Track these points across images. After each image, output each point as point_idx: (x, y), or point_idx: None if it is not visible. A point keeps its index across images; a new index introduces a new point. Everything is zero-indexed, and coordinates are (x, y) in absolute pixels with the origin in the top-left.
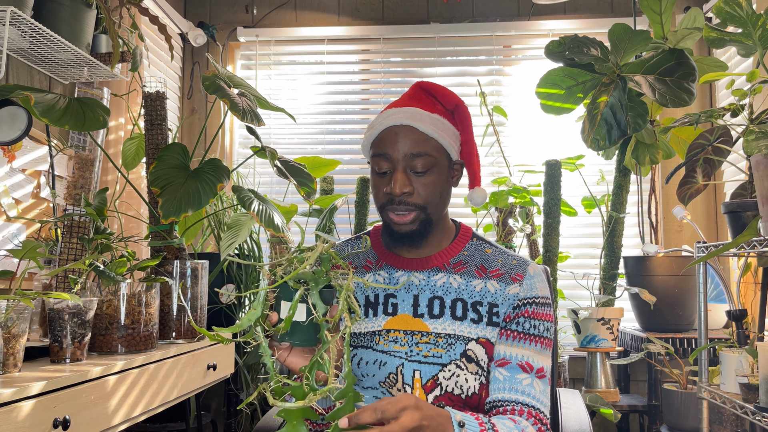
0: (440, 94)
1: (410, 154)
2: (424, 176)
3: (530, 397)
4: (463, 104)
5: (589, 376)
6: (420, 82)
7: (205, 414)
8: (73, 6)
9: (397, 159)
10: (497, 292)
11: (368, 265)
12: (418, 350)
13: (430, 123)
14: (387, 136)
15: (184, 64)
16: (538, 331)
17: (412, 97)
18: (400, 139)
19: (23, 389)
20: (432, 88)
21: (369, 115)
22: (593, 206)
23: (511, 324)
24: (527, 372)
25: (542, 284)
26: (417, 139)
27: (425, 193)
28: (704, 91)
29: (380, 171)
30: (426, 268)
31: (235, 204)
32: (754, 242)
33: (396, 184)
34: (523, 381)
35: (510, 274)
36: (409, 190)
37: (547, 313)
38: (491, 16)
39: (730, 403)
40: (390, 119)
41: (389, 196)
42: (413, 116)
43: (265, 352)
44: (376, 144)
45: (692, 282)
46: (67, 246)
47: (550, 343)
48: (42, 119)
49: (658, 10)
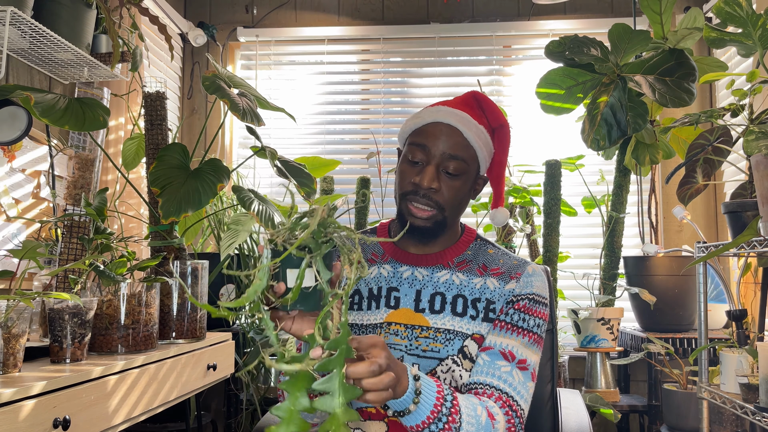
0: (489, 110)
1: (448, 155)
2: (452, 179)
3: (506, 384)
4: (508, 125)
5: (589, 376)
6: (475, 91)
7: (205, 414)
8: (73, 6)
9: (434, 154)
10: (496, 290)
11: (374, 258)
12: (417, 344)
13: (475, 132)
14: (431, 130)
15: (184, 64)
16: (527, 325)
17: (464, 102)
18: (443, 136)
19: (23, 389)
20: (484, 102)
21: (369, 115)
22: (593, 206)
23: (501, 316)
24: (508, 360)
25: (540, 283)
26: (459, 142)
27: (448, 195)
28: (704, 91)
29: (413, 160)
30: (430, 265)
31: (235, 204)
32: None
33: (426, 177)
34: (501, 367)
35: (510, 273)
36: (436, 186)
37: (541, 311)
38: (491, 16)
39: (730, 403)
40: (439, 115)
41: (415, 186)
42: (462, 120)
43: (267, 324)
44: (418, 133)
45: (692, 282)
46: (67, 246)
47: (539, 340)
48: (42, 119)
49: (658, 10)
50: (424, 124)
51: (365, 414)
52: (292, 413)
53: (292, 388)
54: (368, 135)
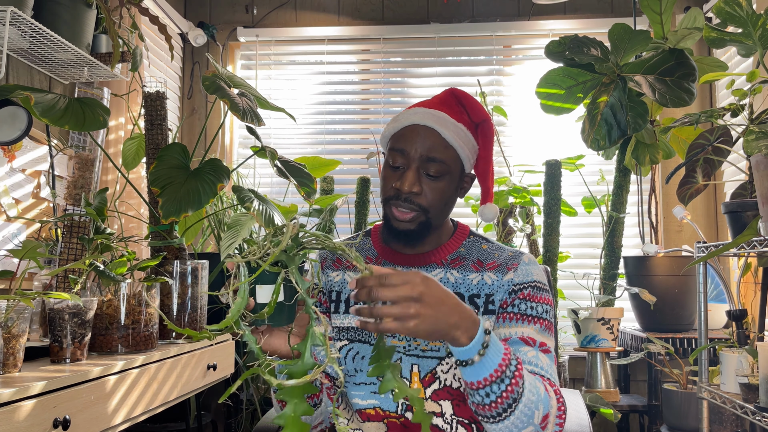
0: (470, 106)
1: (426, 157)
2: (434, 181)
3: (538, 368)
4: (490, 120)
5: (589, 376)
6: (453, 88)
7: (205, 414)
8: (73, 6)
9: (412, 157)
10: (494, 283)
11: (368, 262)
12: (416, 344)
13: (454, 131)
14: (408, 133)
15: (184, 64)
16: (537, 312)
17: (442, 101)
18: (420, 139)
19: (23, 389)
20: (463, 98)
21: (369, 115)
22: (593, 206)
23: (508, 308)
24: (530, 345)
25: (538, 270)
26: (436, 143)
27: (431, 197)
28: (704, 91)
29: (393, 165)
30: (423, 264)
31: (235, 204)
32: (754, 242)
33: (406, 182)
34: (527, 353)
35: (506, 264)
36: (417, 190)
37: (545, 297)
38: (491, 16)
39: (730, 403)
40: (415, 117)
41: (396, 191)
42: (438, 120)
43: (249, 339)
44: (396, 138)
45: (692, 282)
46: (67, 246)
47: (550, 325)
48: (42, 119)
49: (658, 10)
50: (402, 127)
51: (364, 415)
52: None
53: (290, 396)
54: (368, 135)
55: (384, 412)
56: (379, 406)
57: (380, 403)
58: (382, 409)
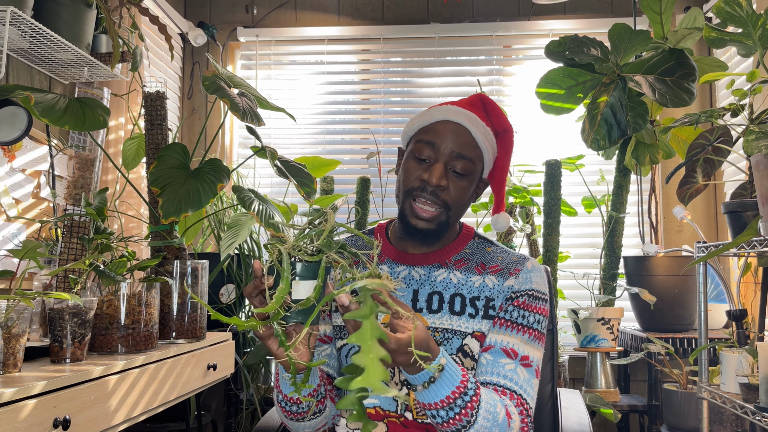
0: (494, 113)
1: (457, 153)
2: (459, 179)
3: (512, 382)
4: (512, 131)
5: (589, 376)
6: (481, 94)
7: (205, 414)
8: (73, 6)
9: (442, 152)
10: (495, 287)
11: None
12: None
13: (483, 133)
14: (441, 127)
15: (184, 64)
16: (527, 321)
17: (471, 104)
18: (452, 135)
19: (23, 389)
20: (490, 105)
21: (369, 115)
22: (593, 206)
23: (500, 313)
24: (511, 358)
25: (539, 279)
26: (468, 141)
27: (455, 195)
28: (704, 91)
29: (420, 157)
30: (427, 264)
31: (235, 204)
32: (754, 242)
33: (434, 174)
34: (505, 366)
35: (509, 269)
36: (444, 184)
37: (540, 307)
38: (491, 16)
39: (730, 403)
40: (449, 113)
41: (423, 183)
42: (471, 120)
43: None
44: (426, 131)
45: (692, 282)
46: (67, 246)
47: (540, 336)
48: (42, 119)
49: (658, 10)
50: (433, 121)
51: None
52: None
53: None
54: (368, 135)
55: (384, 411)
56: (380, 405)
57: (380, 402)
58: (382, 409)
